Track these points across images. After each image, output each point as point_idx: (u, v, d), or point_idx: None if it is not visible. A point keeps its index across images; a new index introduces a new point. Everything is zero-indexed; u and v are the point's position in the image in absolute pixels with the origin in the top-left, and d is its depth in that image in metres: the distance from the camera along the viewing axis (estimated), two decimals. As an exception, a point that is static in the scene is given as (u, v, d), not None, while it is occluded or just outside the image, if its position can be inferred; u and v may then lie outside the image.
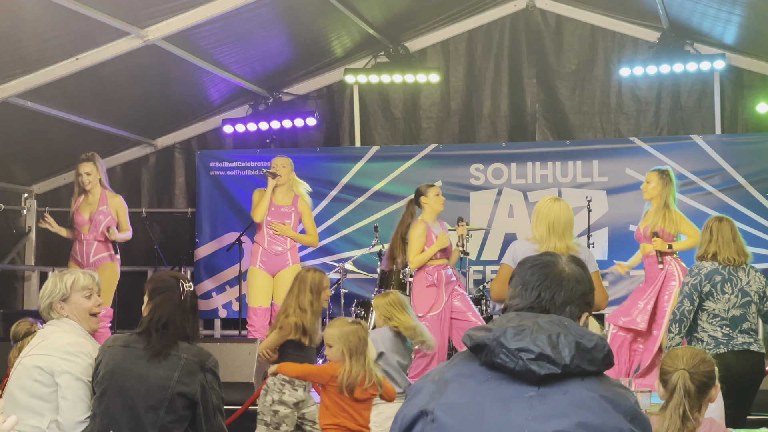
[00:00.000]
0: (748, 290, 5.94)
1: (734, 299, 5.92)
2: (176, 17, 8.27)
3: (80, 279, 4.37)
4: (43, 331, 4.40)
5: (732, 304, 5.91)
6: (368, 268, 9.98)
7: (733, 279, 5.94)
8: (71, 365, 4.14)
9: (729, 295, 5.92)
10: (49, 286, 4.35)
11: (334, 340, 5.05)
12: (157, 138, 11.23)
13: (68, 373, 4.12)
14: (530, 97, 10.81)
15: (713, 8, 9.19)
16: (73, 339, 4.23)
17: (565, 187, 10.27)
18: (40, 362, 4.16)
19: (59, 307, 4.31)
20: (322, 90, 11.23)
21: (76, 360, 4.15)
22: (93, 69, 8.54)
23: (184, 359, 4.00)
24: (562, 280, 2.38)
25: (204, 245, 10.86)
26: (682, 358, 3.92)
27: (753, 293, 5.94)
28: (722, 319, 5.91)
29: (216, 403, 4.04)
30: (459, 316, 8.00)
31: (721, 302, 5.93)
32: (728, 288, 5.93)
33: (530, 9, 10.74)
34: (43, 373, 4.14)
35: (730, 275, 5.95)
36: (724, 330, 5.90)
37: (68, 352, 4.16)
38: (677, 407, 3.81)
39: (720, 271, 5.95)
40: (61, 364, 4.13)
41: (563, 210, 5.73)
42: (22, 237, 10.94)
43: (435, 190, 8.22)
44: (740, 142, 9.99)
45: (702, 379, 3.86)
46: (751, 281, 5.96)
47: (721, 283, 5.93)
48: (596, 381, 2.22)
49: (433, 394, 2.28)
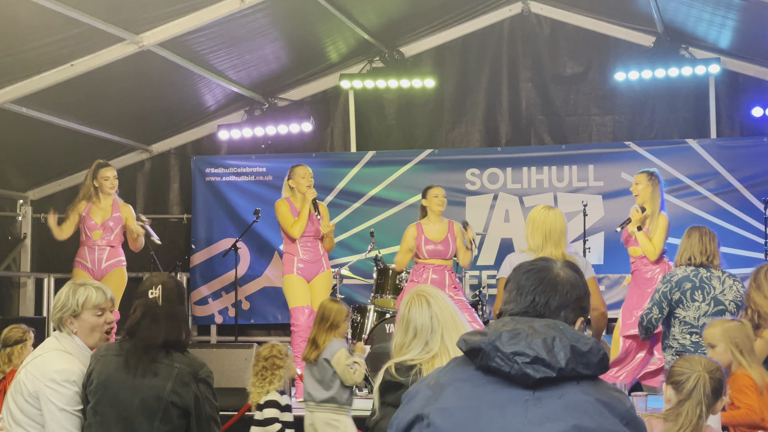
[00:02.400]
0: (722, 299, 5.92)
1: (705, 307, 5.90)
2: (171, 23, 8.27)
3: (93, 297, 4.26)
4: (45, 343, 4.33)
5: (703, 311, 5.90)
6: (364, 274, 9.98)
7: (705, 287, 5.92)
8: (55, 396, 4.06)
9: (699, 303, 5.91)
10: (62, 299, 4.26)
11: (717, 339, 4.85)
12: (153, 144, 11.23)
13: (52, 403, 4.06)
14: (526, 102, 10.81)
15: (708, 13, 9.21)
16: (61, 366, 4.12)
17: (561, 191, 10.28)
18: (28, 384, 4.12)
19: (69, 322, 4.25)
20: (317, 95, 11.23)
21: (61, 390, 4.07)
22: (88, 75, 8.54)
23: (177, 369, 3.97)
24: (557, 285, 2.38)
25: (200, 251, 10.85)
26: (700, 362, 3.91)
27: (728, 302, 5.92)
28: (692, 326, 5.91)
29: (210, 413, 4.01)
30: None
31: (691, 309, 5.92)
32: (698, 296, 5.92)
33: (525, 14, 10.75)
34: (30, 396, 4.10)
35: (702, 283, 5.94)
36: (693, 338, 5.90)
37: (53, 380, 4.07)
38: (696, 406, 3.77)
39: (691, 278, 5.96)
40: (46, 393, 4.07)
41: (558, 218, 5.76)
42: (18, 243, 10.93)
43: (433, 191, 8.33)
44: (735, 146, 10.01)
45: (716, 385, 3.85)
46: (726, 290, 5.93)
47: (691, 290, 5.93)
48: (592, 385, 2.22)
49: (428, 398, 2.28)
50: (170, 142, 11.29)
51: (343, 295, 9.67)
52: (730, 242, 9.80)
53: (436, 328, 3.94)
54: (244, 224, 10.21)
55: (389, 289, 9.09)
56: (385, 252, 10.08)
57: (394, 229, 10.47)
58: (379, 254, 9.42)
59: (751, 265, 9.67)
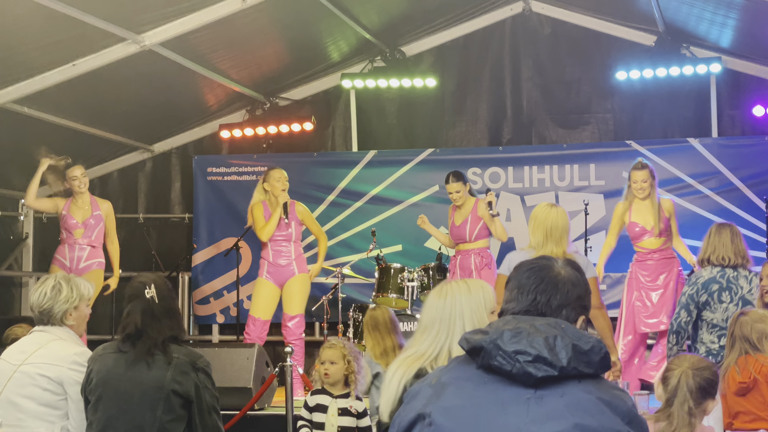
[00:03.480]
0: (750, 299, 5.74)
1: (733, 308, 5.73)
2: (173, 22, 8.27)
3: (90, 290, 4.42)
4: (36, 338, 4.34)
5: (731, 313, 5.69)
6: (366, 273, 9.98)
7: (733, 287, 5.76)
8: (81, 376, 4.17)
9: (727, 304, 5.75)
10: (65, 292, 4.31)
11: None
12: (154, 143, 11.23)
13: (80, 383, 4.16)
14: (527, 101, 10.81)
15: (709, 12, 9.21)
16: (78, 349, 4.26)
17: (563, 190, 10.28)
18: (47, 372, 4.17)
19: (70, 315, 4.32)
20: (318, 95, 11.22)
21: (85, 371, 4.19)
22: (90, 75, 8.54)
23: (176, 359, 4.02)
24: (558, 283, 2.38)
25: (201, 251, 10.86)
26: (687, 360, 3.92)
27: (757, 301, 5.71)
28: (721, 329, 5.75)
29: (210, 402, 4.05)
30: None
31: (718, 311, 5.77)
32: (726, 297, 5.76)
33: (526, 13, 10.75)
34: (51, 383, 4.16)
35: (729, 283, 5.78)
36: (722, 341, 5.69)
37: (76, 362, 4.19)
38: (682, 404, 3.77)
39: (718, 279, 5.80)
40: (72, 375, 4.17)
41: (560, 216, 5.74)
42: (19, 243, 10.93)
43: (447, 188, 8.66)
44: (737, 145, 10.00)
45: (702, 382, 3.82)
46: (754, 289, 5.76)
47: (718, 291, 5.78)
48: (593, 383, 2.23)
49: (430, 397, 2.29)
50: (172, 141, 11.29)
51: (344, 294, 9.67)
52: (731, 241, 9.81)
53: (443, 324, 3.75)
54: (246, 223, 10.21)
55: (391, 288, 9.10)
56: (387, 251, 10.10)
57: (396, 228, 10.49)
58: (380, 253, 9.42)
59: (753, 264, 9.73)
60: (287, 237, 8.80)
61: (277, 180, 8.75)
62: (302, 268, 8.85)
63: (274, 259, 8.80)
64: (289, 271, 8.76)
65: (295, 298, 8.76)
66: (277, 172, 8.81)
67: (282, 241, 8.80)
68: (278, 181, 8.74)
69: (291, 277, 8.77)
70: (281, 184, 8.71)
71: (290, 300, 8.77)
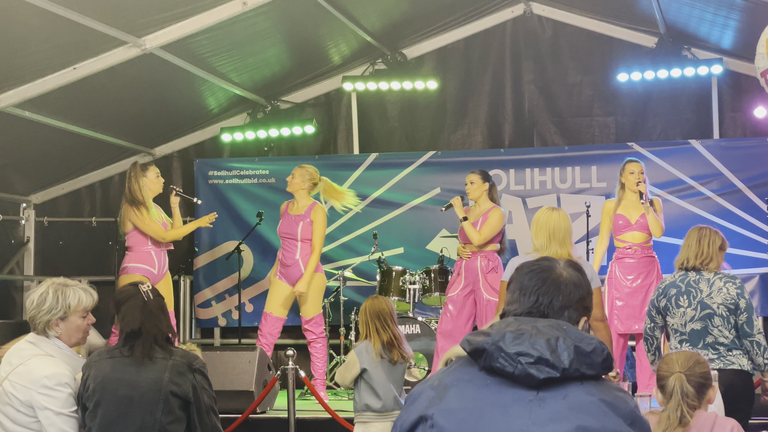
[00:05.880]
0: (709, 302, 5.59)
1: (691, 312, 5.62)
2: (174, 26, 8.27)
3: (83, 300, 4.19)
4: (21, 350, 4.19)
5: (689, 317, 5.62)
6: (368, 276, 9.98)
7: (692, 291, 5.64)
8: (50, 401, 4.01)
9: (685, 309, 5.63)
10: (49, 301, 4.12)
11: None
12: (156, 147, 11.23)
13: (48, 409, 4.01)
14: (528, 103, 10.81)
15: (710, 13, 9.20)
16: (50, 370, 4.05)
17: (564, 192, 10.27)
18: (18, 394, 4.04)
19: (55, 324, 4.14)
20: (320, 98, 11.23)
21: (55, 395, 4.01)
22: (91, 78, 8.54)
23: (173, 360, 4.03)
24: (560, 285, 2.38)
25: (203, 254, 10.86)
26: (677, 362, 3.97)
27: (716, 306, 5.58)
28: (681, 334, 5.66)
29: (208, 403, 4.06)
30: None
31: (677, 316, 5.67)
32: (683, 301, 5.65)
33: (527, 15, 10.75)
34: (23, 405, 4.04)
35: (689, 287, 5.66)
36: (684, 346, 5.61)
37: (45, 386, 4.01)
38: (675, 409, 3.85)
39: (677, 283, 5.70)
40: (40, 400, 4.00)
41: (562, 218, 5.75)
42: (21, 247, 10.93)
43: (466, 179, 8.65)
44: (738, 147, 10.00)
45: (698, 380, 3.92)
46: (714, 293, 5.60)
47: (676, 296, 5.68)
48: (595, 385, 2.22)
49: (432, 399, 2.28)
50: (173, 145, 11.30)
51: (346, 297, 9.67)
52: (733, 243, 9.75)
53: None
54: (248, 227, 10.22)
55: (393, 291, 9.10)
56: (389, 254, 10.10)
57: (398, 230, 10.48)
58: (382, 256, 9.42)
59: (755, 266, 9.75)
60: (293, 235, 8.76)
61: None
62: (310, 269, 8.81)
63: (284, 257, 8.80)
64: (297, 272, 8.71)
65: (307, 301, 8.73)
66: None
67: (289, 239, 8.78)
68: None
69: (300, 278, 8.72)
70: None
71: (304, 303, 8.75)
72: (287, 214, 8.84)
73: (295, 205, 8.85)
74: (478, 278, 8.17)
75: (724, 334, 5.58)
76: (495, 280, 8.11)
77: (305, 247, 8.71)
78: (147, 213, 8.42)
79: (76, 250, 11.18)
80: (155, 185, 8.61)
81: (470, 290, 8.20)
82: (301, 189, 8.81)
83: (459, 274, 8.30)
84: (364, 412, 5.97)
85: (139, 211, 8.39)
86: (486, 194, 8.39)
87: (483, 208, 8.34)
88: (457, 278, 8.29)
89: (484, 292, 8.11)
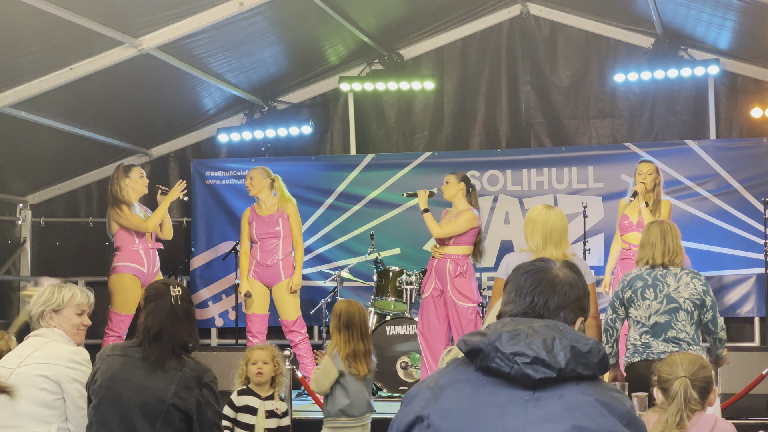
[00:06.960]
0: (676, 296, 5.63)
1: (657, 305, 5.64)
2: (170, 26, 8.26)
3: (77, 296, 4.43)
4: (30, 342, 4.38)
5: (654, 310, 5.64)
6: (364, 276, 9.98)
7: (659, 284, 5.66)
8: (78, 374, 4.21)
9: (650, 301, 5.65)
10: (45, 294, 4.39)
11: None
12: (152, 147, 11.23)
13: (77, 381, 4.20)
14: (525, 104, 10.82)
15: (707, 14, 9.21)
16: (73, 347, 4.30)
17: (561, 193, 10.27)
18: (45, 371, 4.19)
19: (49, 317, 4.37)
20: (316, 98, 11.23)
21: (81, 368, 4.23)
22: (87, 79, 8.53)
23: (182, 373, 3.98)
24: (556, 285, 2.38)
25: (200, 254, 10.85)
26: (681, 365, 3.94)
27: (683, 300, 5.63)
28: (643, 326, 5.68)
29: (212, 419, 4.01)
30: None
31: (641, 309, 5.68)
32: (649, 294, 5.66)
33: (524, 16, 10.75)
34: (48, 382, 4.18)
35: (655, 281, 5.68)
36: (644, 338, 5.66)
37: (73, 360, 4.23)
38: (675, 413, 3.84)
39: (644, 276, 5.72)
40: (68, 373, 4.20)
41: (558, 217, 5.61)
42: (18, 248, 10.93)
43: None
44: (735, 147, 10.00)
45: (702, 384, 3.91)
46: (681, 288, 5.64)
47: (642, 288, 5.68)
48: (592, 385, 2.22)
49: (428, 400, 2.28)
50: (170, 145, 11.29)
51: (343, 297, 9.65)
52: (729, 243, 9.81)
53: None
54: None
55: (389, 292, 9.09)
56: (385, 254, 10.09)
57: (394, 231, 10.48)
58: (379, 257, 9.42)
59: (751, 266, 9.75)
60: (275, 234, 8.78)
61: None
62: (288, 273, 8.83)
63: (262, 259, 8.80)
64: (276, 275, 8.74)
65: (288, 305, 8.75)
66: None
67: (270, 239, 8.79)
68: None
69: (278, 282, 8.76)
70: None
71: (284, 307, 8.77)
72: (258, 217, 8.84)
73: (262, 206, 8.86)
74: (446, 281, 8.09)
75: (686, 329, 5.65)
76: (463, 285, 8.04)
77: (287, 245, 8.80)
78: (128, 209, 8.48)
79: (73, 251, 11.18)
80: (138, 185, 8.65)
81: (440, 291, 8.12)
82: (264, 188, 8.85)
83: (430, 274, 8.24)
84: (338, 417, 5.83)
85: (120, 209, 8.51)
86: (462, 195, 8.21)
87: (458, 209, 8.27)
88: (429, 278, 8.24)
89: (453, 297, 8.03)
